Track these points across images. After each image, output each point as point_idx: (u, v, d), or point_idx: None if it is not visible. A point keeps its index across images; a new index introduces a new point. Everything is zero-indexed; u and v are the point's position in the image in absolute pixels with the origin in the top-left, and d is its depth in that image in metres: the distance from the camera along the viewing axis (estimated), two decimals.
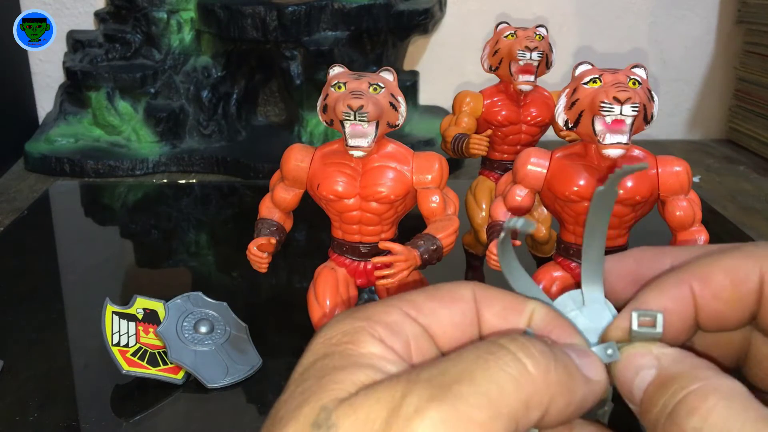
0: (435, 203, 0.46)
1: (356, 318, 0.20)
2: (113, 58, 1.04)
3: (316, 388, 0.18)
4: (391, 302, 0.21)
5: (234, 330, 0.55)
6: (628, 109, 0.40)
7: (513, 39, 0.57)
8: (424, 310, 0.21)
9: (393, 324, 0.20)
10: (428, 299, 0.21)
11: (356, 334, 0.20)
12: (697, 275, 0.21)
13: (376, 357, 0.19)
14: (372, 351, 0.19)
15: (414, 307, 0.21)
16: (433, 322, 0.21)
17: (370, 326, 0.20)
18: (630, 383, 0.21)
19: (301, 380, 0.19)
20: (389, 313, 0.20)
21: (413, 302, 0.21)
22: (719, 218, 0.84)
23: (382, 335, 0.20)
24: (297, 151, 0.48)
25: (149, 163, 1.01)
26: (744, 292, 0.21)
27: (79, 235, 0.83)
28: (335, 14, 0.97)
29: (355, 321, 0.20)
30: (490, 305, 0.22)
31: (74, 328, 0.60)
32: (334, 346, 0.20)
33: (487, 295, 0.22)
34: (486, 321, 0.22)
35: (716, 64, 1.20)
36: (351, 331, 0.20)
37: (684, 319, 0.21)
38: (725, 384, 0.19)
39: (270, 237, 0.48)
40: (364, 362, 0.19)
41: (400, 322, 0.20)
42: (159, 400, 0.50)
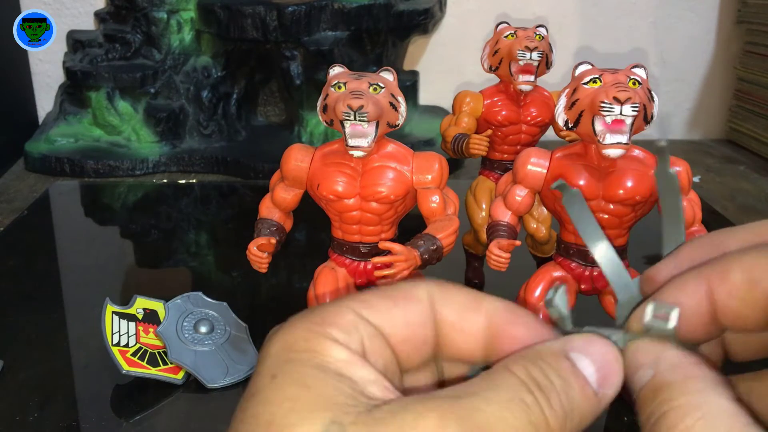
0: (435, 203, 0.46)
1: (311, 322, 0.20)
2: (113, 58, 1.04)
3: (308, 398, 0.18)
4: (344, 302, 0.21)
5: (234, 330, 0.55)
6: (628, 109, 0.40)
7: (513, 39, 0.57)
8: (376, 310, 0.21)
9: (347, 325, 0.20)
10: (381, 298, 0.21)
11: (315, 339, 0.20)
12: (716, 271, 0.21)
13: (344, 362, 0.19)
14: (337, 357, 0.19)
15: (367, 307, 0.21)
16: (385, 321, 0.21)
17: (325, 330, 0.20)
18: (630, 379, 0.21)
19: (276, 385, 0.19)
20: (343, 314, 0.20)
21: (366, 301, 0.21)
22: (719, 218, 0.84)
23: (339, 337, 0.20)
24: (297, 151, 0.48)
25: (149, 163, 1.01)
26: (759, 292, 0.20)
27: (79, 235, 0.83)
28: (335, 14, 0.97)
29: (312, 325, 0.20)
30: (447, 303, 0.22)
31: (74, 328, 0.60)
32: (298, 353, 0.19)
33: (444, 294, 0.22)
34: (444, 318, 0.22)
35: (716, 64, 1.20)
36: (309, 336, 0.20)
37: (700, 315, 0.21)
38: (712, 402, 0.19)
39: (270, 237, 0.48)
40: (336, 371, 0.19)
41: (354, 322, 0.20)
42: (159, 400, 0.50)
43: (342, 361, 0.19)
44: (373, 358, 0.20)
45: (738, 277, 0.20)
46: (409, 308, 0.21)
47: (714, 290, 0.21)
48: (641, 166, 0.45)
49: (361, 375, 0.19)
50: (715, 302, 0.21)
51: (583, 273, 0.48)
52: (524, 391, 0.19)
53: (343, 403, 0.18)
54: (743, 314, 0.20)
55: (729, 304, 0.20)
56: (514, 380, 0.19)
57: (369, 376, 0.19)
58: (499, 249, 0.46)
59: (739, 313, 0.20)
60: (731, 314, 0.21)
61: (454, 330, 0.22)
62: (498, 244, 0.46)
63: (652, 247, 0.67)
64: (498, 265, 0.47)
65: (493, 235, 0.47)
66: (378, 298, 0.21)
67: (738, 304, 0.20)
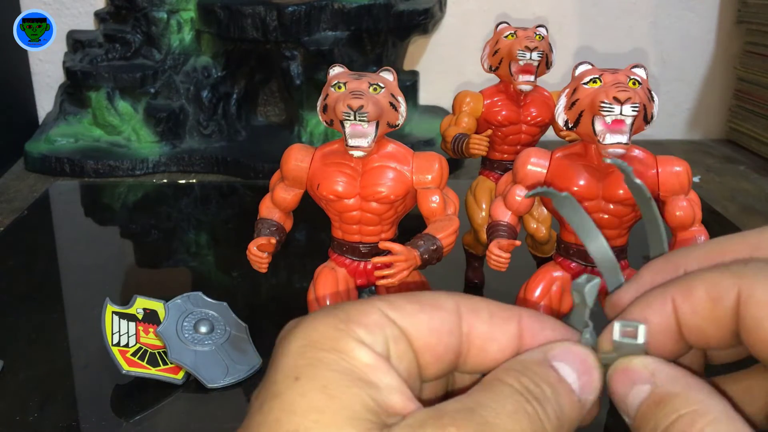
0: (435, 203, 0.46)
1: (337, 318, 0.20)
2: (113, 58, 1.04)
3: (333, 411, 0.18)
4: (372, 302, 0.21)
5: (234, 330, 0.55)
6: (628, 109, 0.40)
7: (513, 39, 0.57)
8: (403, 312, 0.21)
9: (373, 325, 0.20)
10: (409, 302, 0.21)
11: (340, 339, 0.19)
12: (680, 289, 0.21)
13: (370, 368, 0.19)
14: (363, 361, 0.19)
15: (393, 308, 0.21)
16: (410, 325, 0.21)
17: (351, 329, 0.20)
18: (624, 396, 0.21)
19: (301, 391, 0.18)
20: (369, 314, 0.20)
21: (393, 303, 0.21)
22: (719, 218, 0.84)
23: (365, 338, 0.20)
24: (297, 151, 0.48)
25: (149, 163, 1.01)
26: (721, 310, 0.20)
27: (79, 235, 0.83)
28: (335, 14, 0.97)
29: (337, 322, 0.20)
30: (477, 314, 0.22)
31: (74, 328, 0.60)
32: (322, 352, 0.19)
33: (473, 306, 0.22)
34: (475, 329, 0.22)
35: (716, 64, 1.20)
36: (334, 335, 0.19)
37: (667, 332, 0.21)
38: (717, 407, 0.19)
39: (270, 237, 0.48)
40: (361, 377, 0.19)
41: (380, 323, 0.20)
42: (159, 400, 0.50)
43: (368, 366, 0.19)
44: (397, 361, 0.20)
45: (701, 295, 0.20)
46: (436, 315, 0.21)
47: (678, 308, 0.21)
48: (641, 166, 0.45)
49: (386, 382, 0.19)
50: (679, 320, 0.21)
51: (583, 273, 0.48)
52: (524, 401, 0.20)
53: (365, 419, 0.18)
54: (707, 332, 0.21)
55: (693, 322, 0.21)
56: (511, 391, 0.20)
57: (393, 383, 0.19)
58: (499, 249, 0.46)
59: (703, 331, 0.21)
60: (695, 332, 0.21)
61: (487, 340, 0.22)
62: (498, 244, 0.46)
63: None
64: (498, 265, 0.47)
65: (493, 235, 0.47)
66: (405, 301, 0.21)
67: (701, 322, 0.20)
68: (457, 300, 0.22)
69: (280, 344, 0.20)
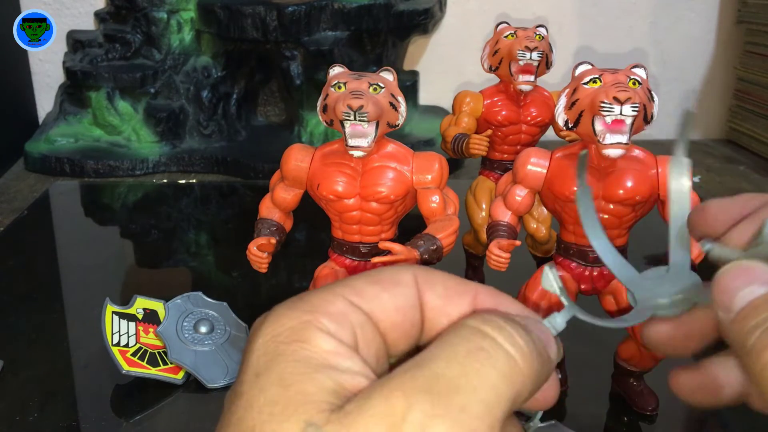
0: (435, 203, 0.46)
1: (301, 310, 0.20)
2: (113, 58, 1.04)
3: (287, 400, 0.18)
4: (334, 289, 0.21)
5: (234, 330, 0.55)
6: (628, 109, 0.40)
7: (513, 39, 0.57)
8: (366, 296, 0.21)
9: (338, 314, 0.20)
10: (370, 284, 0.21)
11: (304, 330, 0.19)
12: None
13: (330, 354, 0.19)
14: (324, 348, 0.19)
15: (356, 293, 0.21)
16: (375, 307, 0.21)
17: (316, 320, 0.19)
18: (733, 292, 0.21)
19: (260, 386, 0.18)
20: (333, 303, 0.20)
21: (355, 288, 0.21)
22: None
23: (330, 328, 0.19)
24: (297, 151, 0.48)
25: (149, 163, 1.01)
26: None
27: (79, 235, 0.83)
28: (335, 14, 0.97)
29: (301, 314, 0.20)
30: (432, 287, 0.22)
31: (74, 328, 0.60)
32: (283, 345, 0.19)
33: (429, 278, 0.22)
34: (428, 302, 0.21)
35: (716, 64, 1.20)
36: (298, 326, 0.19)
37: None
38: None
39: (270, 237, 0.48)
40: (321, 364, 0.18)
41: (345, 311, 0.20)
42: (159, 400, 0.50)
43: (328, 352, 0.19)
44: (365, 347, 0.20)
45: None
46: (398, 293, 0.21)
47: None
48: (641, 166, 0.45)
49: (347, 366, 0.19)
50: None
51: (583, 273, 0.48)
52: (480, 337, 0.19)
53: (320, 400, 0.17)
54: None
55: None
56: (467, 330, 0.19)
57: (355, 367, 0.19)
58: (499, 249, 0.46)
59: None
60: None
61: (439, 314, 0.21)
62: (498, 244, 0.46)
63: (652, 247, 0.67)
64: (498, 265, 0.47)
65: (493, 235, 0.47)
66: (366, 283, 0.21)
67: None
68: (415, 272, 0.22)
69: (248, 341, 0.20)
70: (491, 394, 0.18)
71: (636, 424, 0.49)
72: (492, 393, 0.18)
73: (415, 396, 0.17)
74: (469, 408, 0.17)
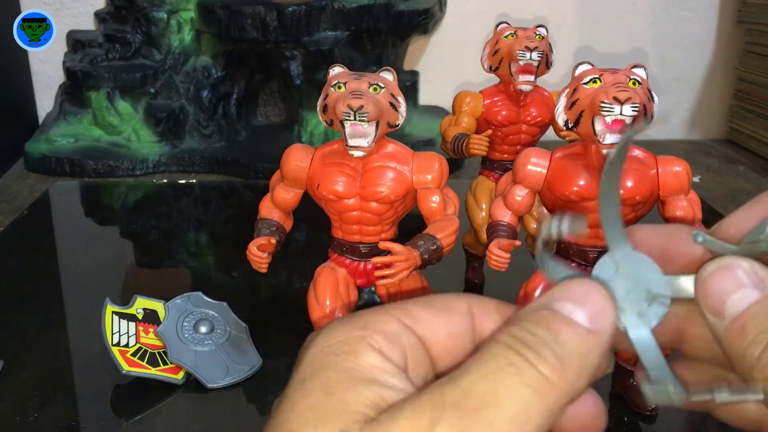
0: (435, 203, 0.46)
1: (355, 326, 0.20)
2: (113, 58, 1.04)
3: (327, 407, 0.18)
4: (389, 311, 0.21)
5: (234, 330, 0.55)
6: (628, 109, 0.40)
7: (513, 39, 0.57)
8: (420, 320, 0.21)
9: (391, 334, 0.20)
10: (424, 309, 0.21)
11: (356, 344, 0.19)
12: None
13: (377, 369, 0.19)
14: (371, 362, 0.19)
15: (410, 317, 0.21)
16: (428, 332, 0.21)
17: (369, 335, 0.20)
18: (723, 295, 0.20)
19: (304, 392, 0.19)
20: (387, 323, 0.20)
21: (409, 312, 0.21)
22: (719, 218, 0.83)
23: (382, 345, 0.20)
24: (297, 151, 0.48)
25: (149, 163, 1.01)
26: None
27: (79, 235, 0.83)
28: (335, 14, 0.97)
29: (354, 330, 0.20)
30: (488, 315, 0.22)
31: (74, 328, 0.60)
32: (333, 356, 0.19)
33: (483, 306, 0.22)
34: (486, 330, 0.21)
35: (716, 64, 1.20)
36: (350, 340, 0.20)
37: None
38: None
39: (270, 237, 0.48)
40: (366, 377, 0.19)
41: (398, 332, 0.20)
42: (159, 400, 0.50)
43: (374, 367, 0.19)
44: (414, 369, 0.20)
45: None
46: (451, 320, 0.21)
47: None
48: (641, 166, 0.45)
49: (392, 382, 0.19)
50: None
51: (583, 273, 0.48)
52: (511, 354, 0.18)
53: (358, 411, 0.18)
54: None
55: None
56: (499, 347, 0.19)
57: (400, 384, 0.19)
58: (499, 249, 0.46)
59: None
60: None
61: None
62: (498, 244, 0.46)
63: None
64: (498, 265, 0.47)
65: (493, 235, 0.47)
66: (421, 308, 0.21)
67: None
68: (469, 301, 0.22)
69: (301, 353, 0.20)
70: (521, 412, 0.17)
71: (636, 424, 0.49)
72: (522, 410, 0.17)
73: (444, 411, 0.17)
74: (497, 425, 0.17)
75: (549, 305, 0.20)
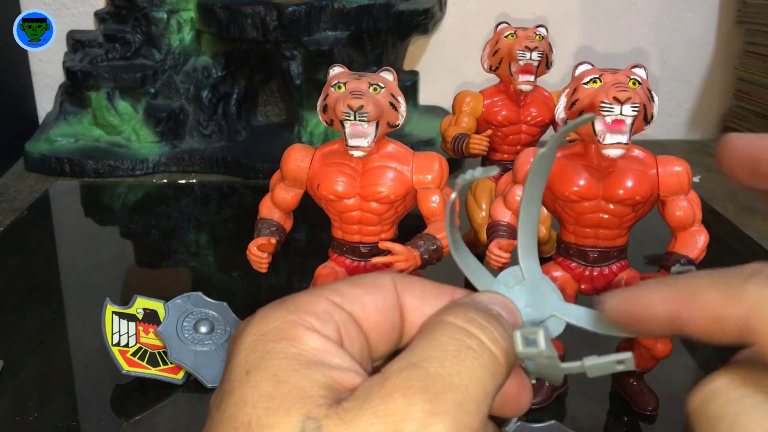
0: (435, 203, 0.46)
1: (286, 310, 0.20)
2: (113, 58, 1.04)
3: (284, 394, 0.18)
4: (318, 291, 0.21)
5: (234, 330, 0.55)
6: (628, 109, 0.40)
7: (513, 39, 0.57)
8: (348, 297, 0.21)
9: (323, 313, 0.20)
10: (351, 287, 0.22)
11: (291, 329, 0.20)
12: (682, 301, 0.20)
13: (319, 351, 0.19)
14: (312, 345, 0.19)
15: (339, 295, 0.21)
16: (357, 308, 0.21)
17: (301, 319, 0.20)
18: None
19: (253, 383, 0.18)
20: (317, 303, 0.21)
21: (338, 290, 0.21)
22: (719, 218, 0.84)
23: (316, 326, 0.20)
24: (297, 151, 0.48)
25: (149, 163, 1.01)
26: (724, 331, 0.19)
27: (79, 235, 0.83)
28: (335, 14, 0.97)
29: (287, 314, 0.20)
30: (410, 290, 0.22)
31: (74, 328, 0.60)
32: (272, 343, 0.19)
33: (406, 282, 0.23)
34: (407, 304, 0.22)
35: (716, 64, 1.20)
36: (285, 325, 0.20)
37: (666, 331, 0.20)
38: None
39: (270, 237, 0.48)
40: (311, 360, 0.19)
41: (329, 310, 0.21)
42: (159, 400, 0.50)
43: (317, 349, 0.19)
44: (349, 345, 0.20)
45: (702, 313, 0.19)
46: (378, 295, 0.22)
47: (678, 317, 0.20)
48: (641, 166, 0.45)
49: (336, 362, 0.19)
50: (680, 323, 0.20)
51: (583, 273, 0.48)
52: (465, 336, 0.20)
53: (317, 395, 0.18)
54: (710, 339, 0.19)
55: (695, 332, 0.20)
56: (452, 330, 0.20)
57: (344, 363, 0.19)
58: (499, 249, 0.46)
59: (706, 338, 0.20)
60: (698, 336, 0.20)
61: (418, 316, 0.22)
62: (498, 244, 0.46)
63: (652, 247, 0.67)
64: (498, 265, 0.47)
65: (493, 235, 0.47)
66: (348, 286, 0.22)
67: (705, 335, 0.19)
68: (393, 277, 0.23)
69: (233, 343, 0.20)
70: (480, 391, 0.18)
71: (636, 424, 0.49)
72: (481, 390, 0.19)
73: (414, 395, 0.18)
74: (465, 405, 0.18)
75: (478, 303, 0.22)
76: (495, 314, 0.21)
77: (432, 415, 0.17)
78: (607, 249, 0.47)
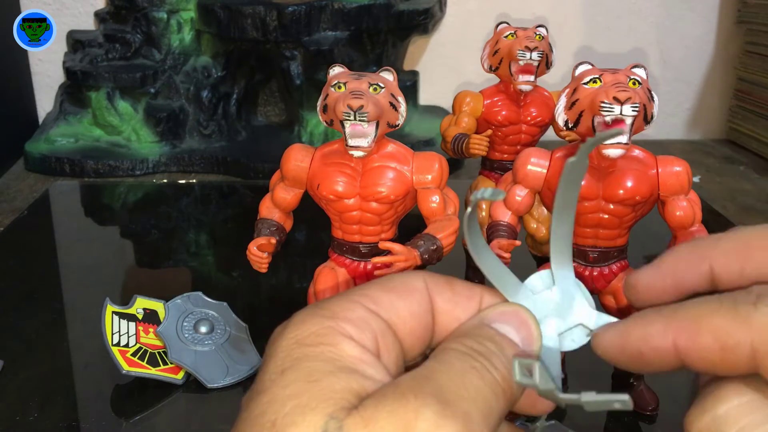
0: (435, 203, 0.46)
1: (323, 317, 0.20)
2: (113, 58, 1.04)
3: (312, 394, 0.18)
4: (351, 297, 0.21)
5: (234, 330, 0.55)
6: (628, 109, 0.40)
7: (513, 39, 0.57)
8: (383, 304, 0.21)
9: (359, 321, 0.20)
10: (385, 292, 0.22)
11: (328, 335, 0.20)
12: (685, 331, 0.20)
13: (356, 359, 0.19)
14: (349, 353, 0.20)
15: (373, 301, 0.21)
16: (392, 315, 0.21)
17: (338, 325, 0.20)
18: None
19: (285, 382, 0.19)
20: (353, 309, 0.21)
21: (371, 296, 0.21)
22: (719, 218, 0.84)
23: (353, 334, 0.20)
24: (297, 151, 0.48)
25: (149, 163, 1.01)
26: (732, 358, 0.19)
27: (79, 235, 0.83)
28: (335, 14, 0.97)
29: (323, 320, 0.20)
30: (441, 292, 0.23)
31: (74, 328, 0.60)
32: (309, 347, 0.19)
33: (437, 283, 0.23)
34: (439, 307, 0.22)
35: (716, 64, 1.20)
36: (322, 331, 0.20)
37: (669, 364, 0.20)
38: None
39: (270, 237, 0.48)
40: (348, 366, 0.19)
41: (366, 318, 0.21)
42: (159, 400, 0.50)
43: (354, 357, 0.19)
44: (386, 354, 0.21)
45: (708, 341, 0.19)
46: (412, 300, 0.22)
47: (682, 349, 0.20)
48: (641, 166, 0.45)
49: (370, 373, 0.19)
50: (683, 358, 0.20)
51: (583, 273, 0.48)
52: (470, 359, 0.20)
53: (344, 398, 0.18)
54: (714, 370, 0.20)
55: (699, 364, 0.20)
56: (457, 354, 0.20)
57: (378, 375, 0.20)
58: (499, 249, 0.46)
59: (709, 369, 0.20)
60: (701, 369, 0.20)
61: (449, 318, 0.22)
62: (498, 244, 0.46)
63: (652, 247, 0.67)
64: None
65: (493, 235, 0.47)
66: (381, 291, 0.22)
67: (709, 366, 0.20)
68: (425, 278, 0.23)
69: (270, 346, 0.21)
70: (486, 407, 0.19)
71: (636, 424, 0.49)
72: (486, 405, 0.19)
73: (427, 397, 0.18)
74: (472, 414, 0.19)
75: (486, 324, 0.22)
76: (498, 341, 0.21)
77: (443, 417, 0.18)
78: (607, 249, 0.47)
